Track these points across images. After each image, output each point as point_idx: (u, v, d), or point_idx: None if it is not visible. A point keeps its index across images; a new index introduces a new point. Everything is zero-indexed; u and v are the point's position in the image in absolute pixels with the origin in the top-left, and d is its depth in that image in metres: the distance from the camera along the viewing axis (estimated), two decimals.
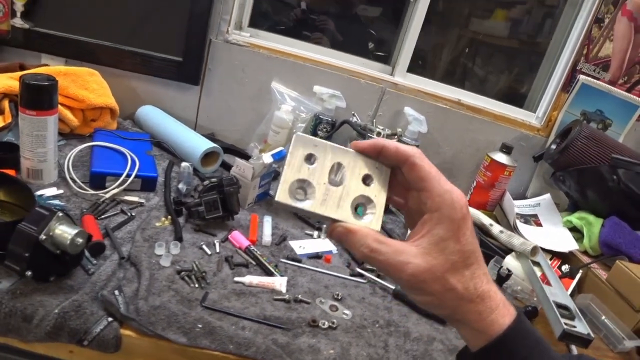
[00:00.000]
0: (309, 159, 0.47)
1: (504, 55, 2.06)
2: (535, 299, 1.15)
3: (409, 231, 0.49)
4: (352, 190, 0.47)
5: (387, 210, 0.50)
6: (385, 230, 1.26)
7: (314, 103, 1.49)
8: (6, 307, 0.72)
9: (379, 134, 1.38)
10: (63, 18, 1.38)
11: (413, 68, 1.59)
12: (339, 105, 1.47)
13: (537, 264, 1.23)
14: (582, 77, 1.56)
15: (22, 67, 1.29)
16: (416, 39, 1.53)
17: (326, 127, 1.47)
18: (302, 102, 1.48)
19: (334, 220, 0.46)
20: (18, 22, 1.36)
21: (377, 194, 0.47)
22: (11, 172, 1.01)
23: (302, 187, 0.46)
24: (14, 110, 1.12)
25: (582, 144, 1.41)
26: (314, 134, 1.48)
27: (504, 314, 0.45)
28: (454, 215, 0.43)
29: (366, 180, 0.48)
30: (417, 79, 1.58)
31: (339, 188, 0.47)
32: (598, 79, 1.57)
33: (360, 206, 0.47)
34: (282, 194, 0.45)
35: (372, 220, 0.46)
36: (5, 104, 1.13)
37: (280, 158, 1.23)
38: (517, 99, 1.73)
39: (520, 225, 1.41)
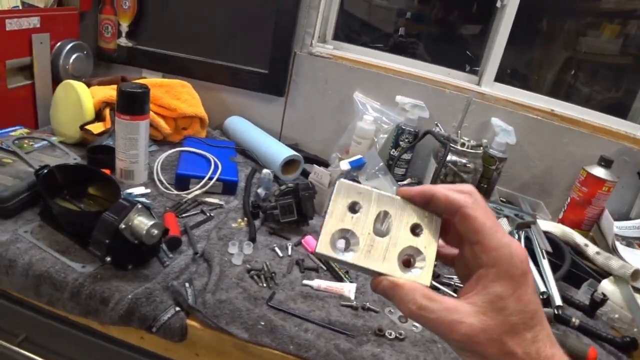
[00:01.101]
0: (353, 207, 0.44)
1: (612, 72, 1.91)
2: (635, 329, 1.03)
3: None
4: (399, 241, 0.43)
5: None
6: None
7: (397, 113, 1.47)
8: (88, 289, 0.78)
9: (462, 144, 1.33)
10: (161, 36, 1.50)
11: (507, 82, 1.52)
12: (422, 116, 1.43)
13: (638, 290, 1.10)
14: None
15: (123, 80, 1.41)
16: (504, 45, 1.46)
17: (408, 138, 1.44)
18: (385, 112, 1.47)
19: (379, 274, 0.42)
20: (123, 41, 1.50)
21: (427, 245, 0.43)
22: (107, 172, 1.10)
23: (345, 236, 0.43)
24: (113, 117, 1.22)
25: None
26: (397, 144, 1.46)
27: None
28: (513, 271, 0.39)
29: (415, 230, 0.44)
30: (506, 88, 1.51)
31: (385, 239, 0.43)
32: None
33: (407, 258, 0.43)
34: (323, 245, 0.42)
35: (421, 274, 0.42)
36: (107, 111, 1.23)
37: (358, 165, 1.22)
38: (618, 110, 1.58)
39: (621, 248, 1.27)
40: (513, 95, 1.47)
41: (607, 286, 1.12)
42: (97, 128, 1.19)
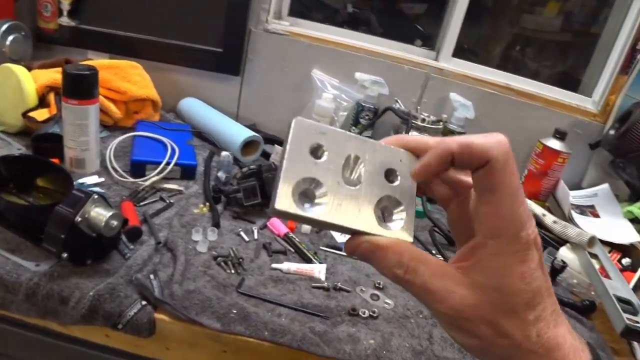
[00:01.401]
0: (316, 151, 0.35)
1: (557, 47, 1.97)
2: (593, 293, 1.07)
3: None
4: (374, 189, 0.36)
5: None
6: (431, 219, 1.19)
7: (356, 90, 1.45)
8: (44, 289, 0.73)
9: (423, 120, 1.33)
10: (107, 15, 1.41)
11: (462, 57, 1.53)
12: (382, 92, 1.42)
13: (594, 256, 1.15)
14: None
15: (67, 63, 1.32)
16: (461, 20, 1.47)
17: (368, 115, 1.43)
18: (344, 89, 1.45)
19: (355, 232, 0.35)
20: (65, 20, 1.40)
21: (405, 193, 0.37)
22: (56, 162, 1.03)
23: (309, 189, 0.34)
24: (59, 102, 1.14)
25: None
26: (357, 121, 1.45)
27: None
28: (517, 248, 0.33)
29: (389, 176, 0.37)
30: (463, 63, 1.52)
31: (357, 188, 0.35)
32: None
33: (384, 210, 0.36)
34: (283, 201, 0.33)
35: (402, 228, 0.36)
36: (51, 96, 1.15)
37: None
38: (569, 83, 1.63)
39: (576, 216, 1.32)
40: (470, 71, 1.48)
41: (565, 253, 1.16)
42: (41, 115, 1.11)
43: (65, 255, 0.72)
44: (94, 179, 1.04)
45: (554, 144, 1.36)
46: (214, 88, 1.51)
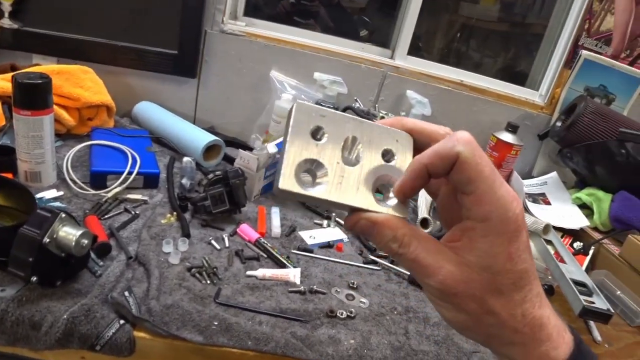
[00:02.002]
0: (316, 133, 0.37)
1: (499, 37, 2.04)
2: (550, 277, 1.14)
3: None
4: (372, 169, 0.38)
5: None
6: None
7: (315, 90, 1.46)
8: (12, 315, 0.69)
9: (382, 118, 1.35)
10: (53, 16, 1.34)
11: (410, 52, 1.56)
12: (341, 92, 1.44)
13: (549, 242, 1.21)
14: (584, 52, 1.53)
15: (13, 68, 1.25)
16: (415, 20, 1.50)
17: None
18: (303, 90, 1.45)
19: (354, 209, 0.37)
20: (6, 22, 1.32)
21: (401, 171, 0.38)
22: (8, 176, 0.97)
23: (310, 169, 0.36)
24: (8, 112, 1.08)
25: (589, 119, 1.39)
26: None
27: (557, 345, 0.37)
28: (505, 228, 0.34)
29: (385, 155, 0.39)
30: (418, 61, 1.55)
31: (355, 168, 0.37)
32: (600, 53, 1.55)
33: (381, 188, 0.38)
34: (287, 180, 0.35)
35: (398, 205, 0.37)
36: None
37: None
38: (518, 78, 1.71)
39: (530, 205, 1.39)
40: (426, 68, 1.52)
41: None
42: None
43: (34, 278, 0.69)
44: (53, 193, 1.00)
45: (507, 137, 1.42)
46: (170, 91, 1.47)
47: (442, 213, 0.41)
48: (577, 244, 1.27)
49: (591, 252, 1.25)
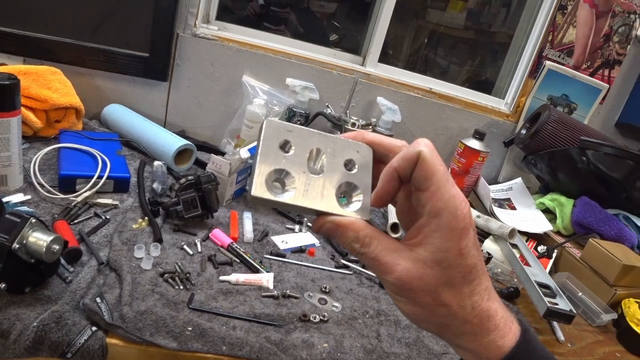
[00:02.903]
0: (284, 146, 0.41)
1: (465, 45, 2.09)
2: (515, 279, 1.17)
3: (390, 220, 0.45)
4: (335, 177, 0.42)
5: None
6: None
7: (287, 96, 1.46)
8: None
9: (353, 124, 1.37)
10: (20, 14, 1.30)
11: (380, 59, 1.59)
12: (312, 97, 1.45)
13: (515, 246, 1.25)
14: (548, 63, 1.59)
15: None
16: (386, 29, 1.53)
17: (300, 120, 1.45)
18: (275, 95, 1.46)
19: (320, 213, 0.41)
20: None
21: (362, 178, 0.43)
22: None
23: (280, 178, 0.41)
24: None
25: (552, 127, 1.45)
26: None
27: (504, 334, 0.40)
28: (455, 224, 0.38)
29: (347, 165, 0.43)
30: (389, 68, 1.58)
31: (320, 176, 0.42)
32: (563, 64, 1.61)
33: (344, 194, 0.42)
34: (258, 188, 0.39)
35: (360, 209, 0.42)
36: None
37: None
38: (484, 86, 1.76)
39: (496, 209, 1.43)
40: (395, 75, 1.55)
41: (489, 245, 1.26)
42: None
43: (3, 285, 0.68)
44: (20, 197, 0.97)
45: (474, 144, 1.46)
46: (141, 94, 1.46)
47: (401, 217, 0.45)
48: (541, 248, 1.32)
49: (554, 255, 1.30)
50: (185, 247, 0.97)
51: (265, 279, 0.94)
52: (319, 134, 0.43)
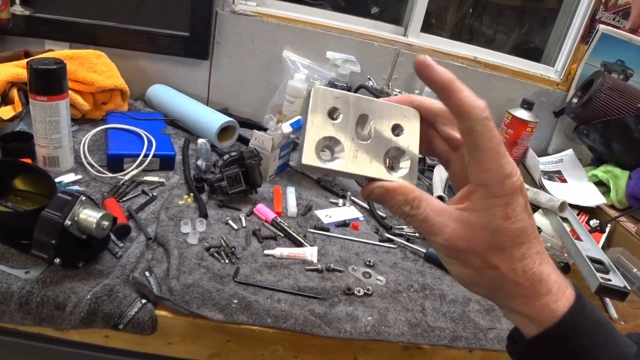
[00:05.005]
0: (332, 113, 0.42)
1: (513, 12, 2.00)
2: (566, 254, 1.13)
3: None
4: (383, 143, 0.42)
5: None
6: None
7: (328, 70, 1.44)
8: (37, 296, 0.71)
9: (396, 96, 1.34)
10: (63, 1, 1.33)
11: (423, 29, 1.54)
12: (354, 70, 1.42)
13: (565, 219, 1.21)
14: (601, 26, 1.49)
15: (27, 55, 1.25)
16: None
17: None
18: (316, 69, 1.44)
19: (369, 179, 0.41)
20: (18, 9, 1.32)
21: (410, 144, 0.43)
22: (28, 161, 0.99)
23: (329, 145, 0.41)
24: (24, 98, 1.09)
25: (606, 95, 1.37)
26: None
27: (557, 299, 0.40)
28: (502, 192, 0.38)
29: (395, 130, 0.43)
30: (432, 38, 1.53)
31: (368, 142, 0.42)
32: (618, 27, 1.51)
33: (392, 159, 0.43)
34: (309, 156, 0.40)
35: (408, 174, 0.42)
36: (14, 92, 1.10)
37: (298, 127, 1.19)
38: (532, 54, 1.68)
39: (545, 182, 1.38)
40: (439, 45, 1.50)
41: (538, 219, 1.22)
42: (6, 113, 1.05)
43: (58, 260, 0.71)
44: (71, 177, 1.01)
45: (522, 114, 1.40)
46: (183, 73, 1.47)
47: (453, 180, 0.46)
48: (594, 222, 1.26)
49: (607, 229, 1.24)
50: (230, 222, 0.99)
51: (309, 252, 0.94)
52: (366, 99, 0.43)
